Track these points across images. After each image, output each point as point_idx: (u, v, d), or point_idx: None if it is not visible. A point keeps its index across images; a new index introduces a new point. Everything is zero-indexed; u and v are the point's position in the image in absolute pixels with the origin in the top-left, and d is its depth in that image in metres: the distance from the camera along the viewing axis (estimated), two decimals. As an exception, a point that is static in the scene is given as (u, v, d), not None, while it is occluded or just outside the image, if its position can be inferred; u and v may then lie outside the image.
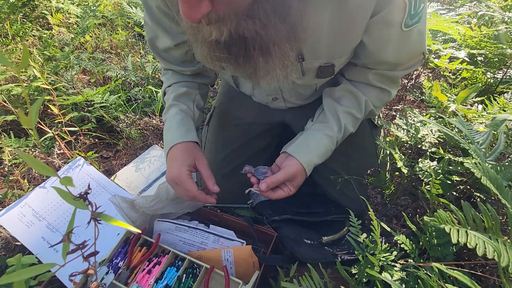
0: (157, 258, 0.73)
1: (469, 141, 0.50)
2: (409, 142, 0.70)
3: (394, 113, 1.16)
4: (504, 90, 1.08)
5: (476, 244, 0.33)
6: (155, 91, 1.44)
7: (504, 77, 1.07)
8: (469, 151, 0.42)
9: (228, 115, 0.99)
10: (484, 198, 0.63)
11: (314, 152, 0.69)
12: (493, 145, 0.49)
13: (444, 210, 0.61)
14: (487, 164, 0.44)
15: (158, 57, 0.80)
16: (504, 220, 0.60)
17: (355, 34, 0.60)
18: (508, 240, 0.36)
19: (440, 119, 0.77)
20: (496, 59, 1.11)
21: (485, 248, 0.33)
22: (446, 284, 0.30)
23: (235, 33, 0.48)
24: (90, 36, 2.10)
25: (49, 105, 1.12)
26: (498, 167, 0.45)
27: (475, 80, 1.11)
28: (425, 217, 0.39)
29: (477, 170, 0.39)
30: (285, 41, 0.52)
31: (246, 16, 0.46)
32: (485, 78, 1.11)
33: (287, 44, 0.53)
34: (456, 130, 0.68)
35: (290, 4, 0.49)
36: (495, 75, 1.14)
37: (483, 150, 0.44)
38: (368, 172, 0.83)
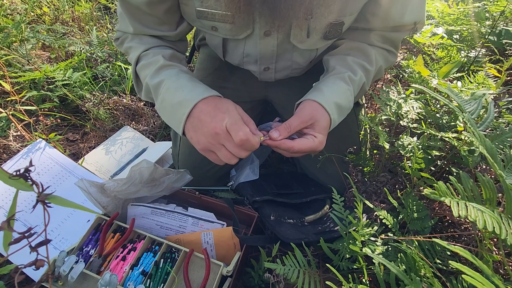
0: (132, 244, 0.69)
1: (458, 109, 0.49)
2: (391, 118, 0.69)
3: (371, 92, 1.16)
4: (477, 69, 1.10)
5: (476, 217, 0.32)
6: (124, 68, 1.33)
7: (478, 55, 1.09)
8: (463, 119, 0.41)
9: None
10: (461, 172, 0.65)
11: (328, 91, 0.60)
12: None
13: (425, 184, 0.61)
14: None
15: (131, 17, 0.65)
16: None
17: None
18: (503, 212, 0.35)
19: (424, 91, 0.77)
20: (470, 37, 1.12)
21: (485, 221, 0.32)
22: (451, 262, 0.29)
23: None
24: (48, 7, 1.89)
25: (-1, 81, 1.00)
26: (490, 137, 0.45)
27: (449, 59, 1.13)
28: (425, 190, 0.38)
29: (475, 139, 0.38)
30: None
31: None
32: (459, 56, 1.12)
33: None
34: (440, 103, 0.68)
35: None
36: (469, 54, 1.17)
37: (473, 119, 0.44)
38: (350, 150, 0.82)
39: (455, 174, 0.67)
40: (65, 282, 0.62)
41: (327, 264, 0.49)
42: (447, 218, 0.72)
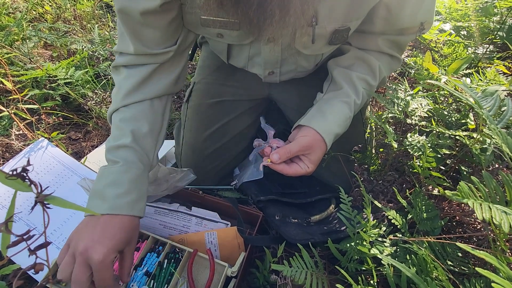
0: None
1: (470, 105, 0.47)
2: (398, 116, 0.67)
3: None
4: (485, 65, 1.08)
5: (501, 220, 0.31)
6: (126, 66, 1.32)
7: (486, 52, 1.07)
8: (483, 116, 0.40)
9: (210, 92, 0.92)
10: (472, 171, 0.64)
11: (332, 120, 0.62)
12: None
13: (435, 183, 0.60)
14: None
15: (132, 35, 0.60)
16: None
17: None
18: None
19: (433, 89, 0.76)
20: (478, 33, 1.10)
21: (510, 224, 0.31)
22: (478, 268, 0.28)
23: None
24: (50, 6, 1.88)
25: (1, 79, 0.99)
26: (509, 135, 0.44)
27: (456, 55, 1.10)
28: (447, 192, 0.37)
29: (498, 137, 0.36)
30: None
31: None
32: (467, 53, 1.10)
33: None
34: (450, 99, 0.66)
35: None
36: (476, 51, 1.14)
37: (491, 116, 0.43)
38: (356, 148, 0.81)
39: (465, 173, 0.66)
40: (67, 282, 0.61)
41: (336, 266, 0.47)
42: (457, 218, 0.71)
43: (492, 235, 0.48)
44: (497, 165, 0.60)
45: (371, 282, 0.51)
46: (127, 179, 0.56)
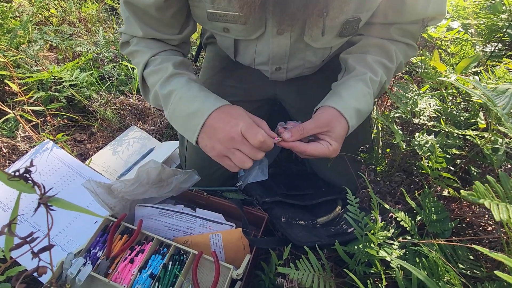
0: (140, 246, 0.68)
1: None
2: (405, 116, 0.66)
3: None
4: (494, 63, 1.06)
5: None
6: (131, 68, 1.33)
7: (495, 50, 1.05)
8: (498, 114, 0.39)
9: (214, 92, 0.92)
10: (482, 172, 0.62)
11: (347, 95, 0.59)
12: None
13: (444, 184, 0.58)
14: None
15: (139, 21, 0.64)
16: None
17: None
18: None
19: (440, 88, 0.74)
20: (487, 31, 1.08)
21: None
22: (497, 272, 0.26)
23: None
24: (56, 9, 1.90)
25: (7, 81, 1.00)
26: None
27: (463, 54, 1.08)
28: (462, 192, 0.35)
29: None
30: None
31: None
32: (474, 51, 1.08)
33: None
34: (453, 101, 0.65)
35: None
36: (484, 49, 1.12)
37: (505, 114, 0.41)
38: (362, 149, 0.80)
39: (474, 173, 0.64)
40: (72, 284, 0.61)
41: (345, 270, 0.46)
42: (467, 219, 0.69)
43: (505, 237, 0.47)
44: (509, 166, 0.58)
45: (380, 285, 0.50)
46: (196, 91, 0.61)
